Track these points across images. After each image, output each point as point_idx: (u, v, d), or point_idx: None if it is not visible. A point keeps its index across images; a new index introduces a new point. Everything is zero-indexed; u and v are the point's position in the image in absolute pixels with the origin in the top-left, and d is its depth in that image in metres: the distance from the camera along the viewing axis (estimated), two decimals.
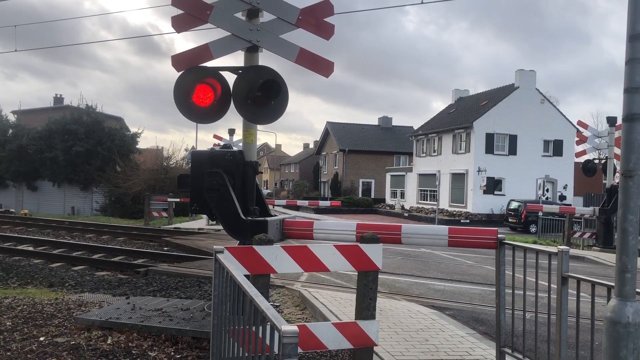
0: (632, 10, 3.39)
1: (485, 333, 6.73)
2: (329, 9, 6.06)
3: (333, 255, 4.62)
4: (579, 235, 19.93)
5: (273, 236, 5.50)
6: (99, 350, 5.44)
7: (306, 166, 73.16)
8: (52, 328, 6.23)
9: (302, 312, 7.65)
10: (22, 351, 5.36)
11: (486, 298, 9.10)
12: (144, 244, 17.03)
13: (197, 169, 6.01)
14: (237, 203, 5.77)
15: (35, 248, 14.97)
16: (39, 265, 12.38)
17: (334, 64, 6.00)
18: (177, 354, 5.43)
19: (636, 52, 3.39)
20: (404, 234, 5.71)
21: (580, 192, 40.04)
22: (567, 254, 4.40)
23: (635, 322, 3.36)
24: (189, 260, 13.02)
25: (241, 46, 5.96)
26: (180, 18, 5.81)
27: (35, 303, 7.51)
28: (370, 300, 4.77)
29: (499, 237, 5.22)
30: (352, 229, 5.76)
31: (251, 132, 6.30)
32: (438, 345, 5.92)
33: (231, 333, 3.19)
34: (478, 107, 40.52)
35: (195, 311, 6.51)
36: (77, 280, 10.59)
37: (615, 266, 3.50)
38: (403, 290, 9.52)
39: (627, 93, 3.43)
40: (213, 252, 3.69)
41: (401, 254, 14.67)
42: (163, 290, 9.51)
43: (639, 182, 3.40)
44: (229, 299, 3.23)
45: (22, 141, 37.31)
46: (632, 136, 3.40)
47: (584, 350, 5.07)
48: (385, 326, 6.49)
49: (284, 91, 5.84)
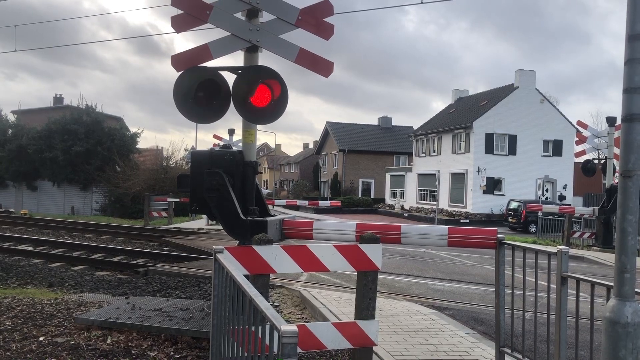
0: (632, 10, 3.39)
1: (485, 333, 6.73)
2: (328, 9, 6.06)
3: (333, 255, 4.62)
4: (578, 235, 19.93)
5: (273, 236, 5.50)
6: (99, 350, 5.44)
7: (306, 166, 73.17)
8: (51, 328, 6.23)
9: (301, 312, 7.65)
10: (22, 351, 5.36)
11: (486, 298, 9.11)
12: (143, 244, 17.04)
13: (197, 169, 6.01)
14: (236, 203, 5.77)
15: (34, 248, 14.97)
16: (39, 265, 12.38)
17: (333, 64, 6.00)
18: (177, 353, 5.43)
19: (635, 52, 3.40)
20: (404, 234, 5.72)
21: (579, 192, 40.02)
22: (567, 254, 4.41)
23: (634, 322, 3.37)
24: (189, 260, 13.02)
25: (241, 46, 5.96)
26: (180, 18, 5.81)
27: (35, 303, 7.52)
28: (369, 300, 4.77)
29: (498, 237, 5.22)
30: (352, 229, 5.76)
31: (251, 132, 6.30)
32: (437, 345, 5.92)
33: (231, 333, 3.20)
34: (478, 107, 40.53)
35: (195, 311, 6.51)
36: (77, 280, 10.59)
37: (615, 266, 3.51)
38: (403, 290, 9.52)
39: (626, 93, 3.43)
40: (213, 252, 3.69)
41: (401, 254, 14.67)
42: (163, 290, 9.52)
43: (638, 182, 3.40)
44: (228, 298, 3.23)
45: (21, 141, 37.32)
46: (631, 136, 3.41)
47: (584, 350, 5.07)
48: (384, 326, 6.49)
49: (284, 91, 5.84)
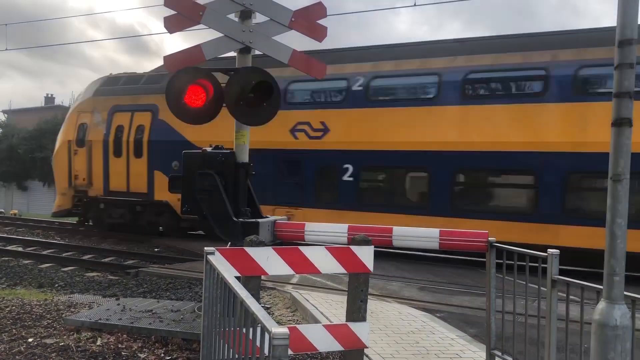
0: (621, 15, 3.42)
1: (476, 336, 6.75)
2: (321, 11, 6.07)
3: (324, 257, 4.62)
4: None
5: (264, 237, 5.50)
6: (89, 351, 5.41)
7: None
8: (41, 329, 6.18)
9: (292, 314, 7.64)
10: (10, 352, 5.32)
11: (476, 301, 9.13)
12: (134, 245, 16.96)
13: (189, 170, 5.99)
14: (228, 204, 5.76)
15: (24, 248, 14.86)
16: (29, 265, 12.29)
17: (326, 65, 6.01)
18: (167, 355, 5.41)
19: (625, 57, 3.43)
20: (395, 236, 5.72)
21: None
22: (557, 258, 4.43)
23: (623, 324, 3.39)
24: (180, 261, 12.98)
25: (234, 47, 5.96)
26: (172, 19, 5.80)
27: (24, 304, 7.46)
28: (361, 302, 4.77)
29: (489, 240, 5.24)
30: (344, 231, 5.76)
31: (243, 133, 6.30)
32: (428, 347, 5.94)
33: (222, 335, 3.18)
34: None
35: (186, 313, 6.49)
36: (67, 281, 10.52)
37: (604, 269, 3.53)
38: (394, 292, 9.53)
39: (616, 98, 3.46)
40: (204, 253, 3.67)
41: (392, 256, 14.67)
42: (153, 292, 9.48)
43: (627, 186, 3.43)
44: (219, 300, 3.22)
45: (12, 141, 37.10)
46: (620, 140, 3.44)
47: (574, 353, 5.10)
48: (376, 328, 6.50)
49: (277, 92, 5.84)
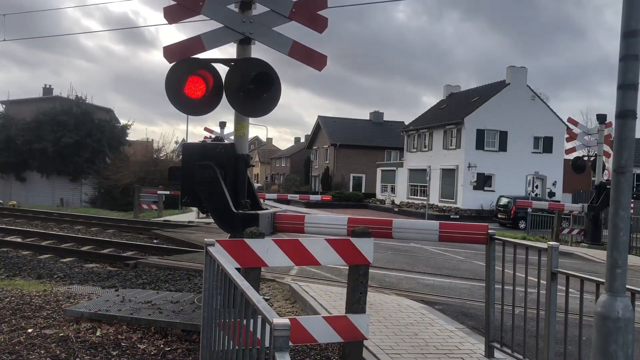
0: (627, 7, 3.39)
1: (475, 328, 6.76)
2: (322, 2, 6.02)
3: (324, 249, 4.61)
4: (567, 231, 20.05)
5: (264, 229, 5.48)
6: (88, 342, 5.41)
7: (297, 160, 73.04)
8: (40, 320, 6.18)
9: (292, 306, 7.64)
10: (10, 343, 5.31)
11: (475, 293, 9.14)
12: (133, 237, 16.94)
13: (189, 162, 5.97)
14: (228, 196, 5.74)
15: (23, 239, 14.84)
16: (27, 256, 12.27)
17: (327, 57, 5.97)
18: (167, 346, 5.41)
19: (630, 49, 3.40)
20: (395, 229, 5.72)
21: (569, 189, 40.30)
22: (557, 250, 4.43)
23: (625, 317, 3.39)
24: (179, 253, 12.96)
25: (234, 38, 5.91)
26: (172, 9, 5.75)
27: (24, 295, 7.45)
28: (360, 294, 4.77)
29: (489, 232, 5.24)
30: (344, 223, 5.76)
31: (243, 124, 6.26)
32: (427, 339, 5.94)
33: (221, 326, 3.18)
34: (469, 103, 40.62)
35: (185, 304, 6.48)
36: (66, 272, 10.51)
37: (606, 262, 3.52)
38: (393, 284, 9.54)
39: (621, 90, 3.44)
40: (204, 244, 3.66)
41: (391, 249, 14.69)
42: (152, 283, 9.47)
43: (630, 178, 3.41)
44: (219, 291, 3.21)
45: (10, 132, 37.00)
46: (624, 133, 3.42)
47: (572, 345, 5.11)
48: (375, 320, 6.50)
49: (277, 84, 5.81)
